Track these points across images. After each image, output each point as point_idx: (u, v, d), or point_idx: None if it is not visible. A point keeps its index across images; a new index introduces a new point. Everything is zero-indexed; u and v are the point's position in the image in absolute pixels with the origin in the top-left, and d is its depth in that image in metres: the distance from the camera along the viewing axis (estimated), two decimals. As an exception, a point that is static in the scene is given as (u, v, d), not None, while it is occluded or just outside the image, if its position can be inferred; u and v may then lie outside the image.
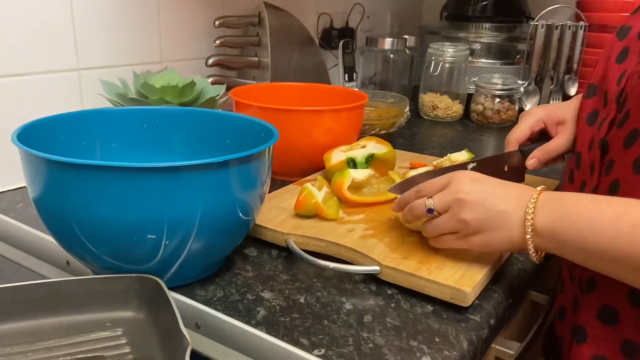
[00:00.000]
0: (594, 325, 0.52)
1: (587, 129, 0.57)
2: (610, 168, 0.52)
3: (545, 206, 0.48)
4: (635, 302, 0.49)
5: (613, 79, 0.54)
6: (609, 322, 0.51)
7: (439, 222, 0.53)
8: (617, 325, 0.50)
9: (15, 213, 0.69)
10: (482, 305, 0.52)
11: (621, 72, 0.53)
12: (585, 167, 0.56)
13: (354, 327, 0.48)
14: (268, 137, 0.57)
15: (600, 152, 0.53)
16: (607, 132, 0.53)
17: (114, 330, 0.48)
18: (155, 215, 0.47)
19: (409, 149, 0.99)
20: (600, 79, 0.56)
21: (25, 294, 0.47)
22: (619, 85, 0.53)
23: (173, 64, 0.95)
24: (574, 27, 1.23)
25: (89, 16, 0.81)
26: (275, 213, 0.65)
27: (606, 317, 0.51)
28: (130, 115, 0.65)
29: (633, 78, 0.50)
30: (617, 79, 0.53)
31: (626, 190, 0.49)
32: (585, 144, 0.57)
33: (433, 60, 1.25)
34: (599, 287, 0.52)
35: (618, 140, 0.50)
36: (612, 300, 0.51)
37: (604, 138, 0.53)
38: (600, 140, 0.53)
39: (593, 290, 0.53)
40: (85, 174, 0.45)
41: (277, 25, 1.05)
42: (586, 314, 0.53)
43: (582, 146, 0.58)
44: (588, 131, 0.57)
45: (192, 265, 0.53)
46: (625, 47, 0.55)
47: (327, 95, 0.93)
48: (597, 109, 0.55)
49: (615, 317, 0.50)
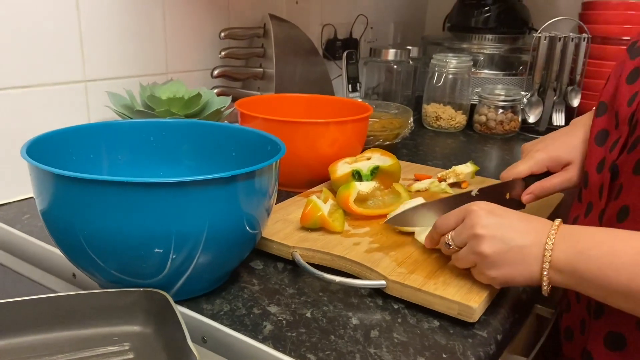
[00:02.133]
0: (601, 351, 0.52)
1: (596, 148, 0.56)
2: (619, 193, 0.51)
3: (563, 241, 0.47)
4: None
5: (624, 100, 0.54)
6: (615, 348, 0.51)
7: (459, 255, 0.53)
8: (624, 352, 0.50)
9: (22, 225, 0.69)
10: (488, 320, 0.52)
11: (632, 93, 0.53)
12: (593, 188, 0.56)
13: (361, 342, 0.48)
14: (274, 150, 0.57)
15: (610, 176, 0.53)
16: (618, 156, 0.52)
17: (121, 344, 0.48)
18: (163, 229, 0.47)
19: (412, 159, 1.00)
20: (610, 97, 0.56)
21: (32, 308, 0.47)
22: (630, 106, 0.52)
23: (179, 75, 0.95)
24: (577, 38, 1.24)
25: (96, 28, 0.81)
26: (281, 226, 0.66)
27: (612, 344, 0.51)
28: (137, 128, 0.65)
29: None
30: (628, 100, 0.53)
31: (636, 217, 0.49)
32: (593, 164, 0.56)
33: (436, 71, 1.25)
34: (607, 314, 0.52)
35: (628, 165, 0.50)
36: (619, 326, 0.50)
37: (615, 162, 0.53)
38: (611, 163, 0.53)
39: (601, 316, 0.52)
40: (93, 188, 0.45)
41: (281, 37, 1.06)
42: (593, 340, 0.53)
43: (590, 166, 0.57)
44: (597, 151, 0.56)
45: (199, 279, 0.53)
46: (637, 67, 0.55)
47: (331, 106, 0.94)
48: (607, 129, 0.55)
49: (622, 343, 0.50)
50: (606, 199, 0.53)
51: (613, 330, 0.51)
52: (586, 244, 0.46)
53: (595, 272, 0.45)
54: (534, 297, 0.61)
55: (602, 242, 0.46)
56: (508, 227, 0.50)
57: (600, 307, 0.53)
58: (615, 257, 0.44)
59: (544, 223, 0.50)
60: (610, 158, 0.54)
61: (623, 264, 0.43)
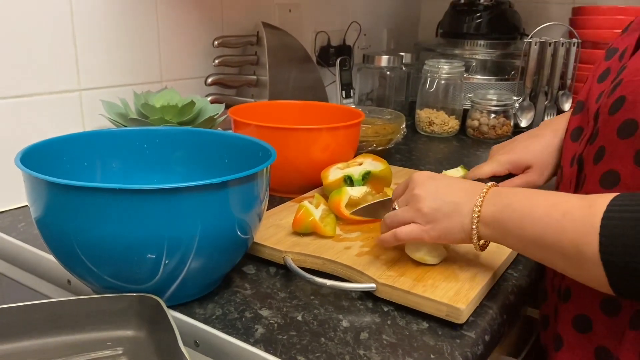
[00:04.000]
0: (569, 333, 0.54)
1: (571, 144, 0.59)
2: (584, 183, 0.54)
3: (492, 198, 0.52)
4: (608, 311, 0.50)
5: (593, 98, 0.56)
6: (583, 330, 0.53)
7: (397, 212, 0.57)
8: (591, 333, 0.52)
9: (17, 232, 0.70)
10: (477, 321, 0.53)
11: (600, 91, 0.55)
12: (566, 182, 0.58)
13: (351, 344, 0.49)
14: (266, 156, 0.58)
15: (577, 168, 0.56)
16: (584, 149, 0.55)
17: (114, 349, 0.48)
18: (155, 235, 0.48)
19: (405, 164, 1.01)
20: (585, 96, 0.59)
21: (27, 314, 0.48)
22: (597, 103, 0.55)
23: (173, 83, 0.96)
24: (567, 43, 1.25)
25: (90, 37, 0.82)
26: (273, 231, 0.66)
27: (580, 326, 0.53)
28: (130, 136, 0.66)
29: (605, 96, 0.52)
30: (596, 98, 0.55)
31: None
32: (567, 159, 0.59)
33: (429, 76, 1.27)
34: (574, 296, 0.54)
35: (589, 156, 0.53)
36: (586, 309, 0.52)
37: (581, 154, 0.55)
38: (578, 156, 0.56)
39: (569, 299, 0.54)
40: (86, 196, 0.46)
41: (275, 44, 1.07)
42: (563, 323, 0.55)
43: (565, 161, 0.60)
44: (571, 147, 0.59)
45: (192, 284, 0.54)
46: (608, 68, 0.57)
47: (324, 112, 0.95)
48: (581, 126, 0.57)
49: (589, 325, 0.52)
50: (574, 190, 0.56)
51: (580, 313, 0.53)
52: (511, 200, 0.51)
53: (516, 223, 0.49)
54: (523, 299, 0.61)
55: (524, 198, 0.50)
56: (444, 187, 0.55)
57: (568, 290, 0.55)
58: (532, 209, 0.48)
59: (477, 185, 0.55)
60: (578, 152, 0.56)
61: (540, 216, 0.47)
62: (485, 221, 0.52)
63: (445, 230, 0.54)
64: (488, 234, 0.52)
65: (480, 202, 0.52)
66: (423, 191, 0.55)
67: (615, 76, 0.54)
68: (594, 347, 0.52)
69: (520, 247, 0.51)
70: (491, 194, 0.52)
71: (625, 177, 0.48)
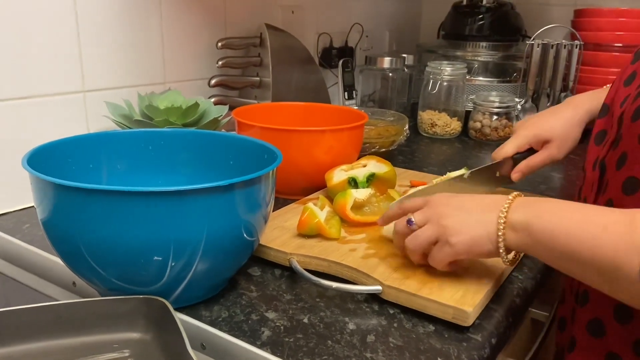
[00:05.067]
0: (583, 336, 0.54)
1: (594, 147, 0.59)
2: (606, 188, 0.54)
3: (520, 206, 0.50)
4: (620, 318, 0.50)
5: (618, 101, 0.56)
6: (596, 335, 0.53)
7: (418, 233, 0.55)
8: (603, 339, 0.52)
9: (22, 234, 0.69)
10: (483, 324, 0.53)
11: (626, 95, 0.55)
12: (588, 185, 0.58)
13: (358, 347, 0.49)
14: (271, 158, 0.58)
15: (599, 173, 0.55)
16: (607, 153, 0.55)
17: (121, 351, 0.48)
18: (162, 238, 0.48)
19: (408, 166, 1.01)
20: (611, 100, 0.58)
21: (33, 316, 0.48)
22: (621, 107, 0.54)
23: (176, 85, 0.96)
24: (570, 45, 1.26)
25: (94, 39, 0.82)
26: (278, 232, 0.66)
27: (594, 330, 0.53)
28: (135, 137, 0.66)
29: (629, 102, 0.52)
30: (621, 102, 0.55)
31: None
32: (590, 162, 0.59)
33: (431, 78, 1.27)
34: (591, 300, 0.54)
35: (612, 161, 0.53)
36: (600, 313, 0.52)
37: (603, 158, 0.55)
38: (600, 161, 0.55)
39: (586, 303, 0.54)
40: (93, 198, 0.46)
41: (278, 46, 1.07)
42: (578, 326, 0.55)
43: (588, 164, 0.60)
44: (594, 150, 0.59)
45: (198, 286, 0.54)
46: (634, 71, 0.57)
47: (327, 114, 0.95)
48: (606, 129, 0.57)
49: (602, 330, 0.52)
50: (595, 194, 0.55)
51: (595, 317, 0.53)
52: (542, 208, 0.49)
53: (547, 234, 0.47)
54: (528, 301, 0.61)
55: (557, 208, 0.48)
56: (467, 201, 0.54)
57: (585, 295, 0.54)
58: (566, 221, 0.46)
59: (500, 197, 0.53)
60: (601, 156, 0.56)
61: (574, 229, 0.45)
62: (513, 227, 0.49)
63: (472, 241, 0.52)
64: (516, 242, 0.50)
65: (507, 209, 0.50)
66: (446, 208, 0.53)
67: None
68: (605, 352, 0.52)
69: (550, 260, 0.49)
70: (518, 202, 0.51)
71: None
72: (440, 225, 0.53)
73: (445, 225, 0.52)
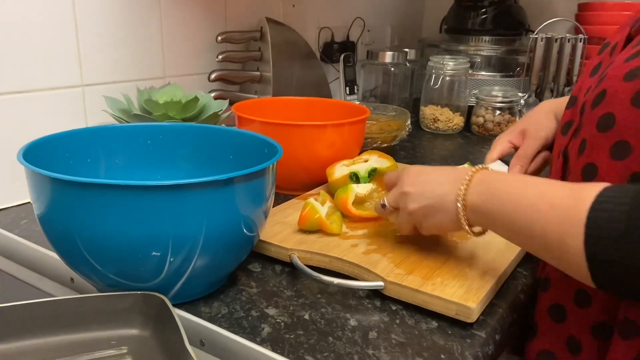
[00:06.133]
0: (545, 321, 0.54)
1: (561, 137, 0.59)
2: (567, 176, 0.55)
3: (478, 185, 0.51)
4: (580, 302, 0.51)
5: (583, 92, 0.56)
6: (557, 320, 0.53)
7: (398, 218, 0.59)
8: (563, 323, 0.53)
9: (20, 229, 0.69)
10: (486, 320, 0.52)
11: (589, 85, 0.55)
12: (554, 174, 0.58)
13: (359, 344, 0.48)
14: (271, 152, 0.57)
15: (563, 161, 0.56)
16: (569, 142, 0.55)
17: (119, 348, 0.48)
18: (160, 232, 0.47)
19: (410, 161, 1.00)
20: (578, 90, 0.59)
21: (31, 312, 0.47)
22: (585, 97, 0.55)
23: (176, 79, 0.95)
24: (573, 39, 1.24)
25: (93, 33, 0.81)
26: (278, 228, 0.66)
27: (555, 315, 0.54)
28: (134, 131, 0.65)
29: (591, 90, 0.52)
30: (585, 92, 0.55)
31: None
32: (556, 152, 0.59)
33: (434, 73, 1.26)
34: (553, 285, 0.54)
35: (574, 149, 0.53)
36: (561, 298, 0.53)
37: (566, 147, 0.56)
38: (564, 149, 0.56)
39: (548, 288, 0.55)
40: (90, 192, 0.45)
41: (278, 40, 1.06)
42: (540, 311, 0.55)
43: (554, 154, 0.60)
44: (561, 140, 0.59)
45: (197, 282, 0.53)
46: (600, 62, 0.57)
47: (328, 109, 0.94)
48: (572, 119, 0.57)
49: (562, 314, 0.53)
50: None
51: (556, 302, 0.54)
52: (497, 187, 0.50)
53: (504, 212, 0.49)
54: (533, 297, 0.61)
55: (511, 186, 0.49)
56: (430, 182, 0.56)
57: (547, 279, 0.55)
58: (519, 199, 0.48)
59: (462, 171, 0.54)
60: (565, 144, 0.56)
61: (525, 205, 0.47)
62: (472, 209, 0.52)
63: (438, 224, 0.55)
64: (477, 222, 0.52)
65: (464, 191, 0.52)
66: (412, 188, 0.56)
67: (603, 70, 0.54)
68: (565, 336, 0.52)
69: (508, 236, 0.50)
70: (476, 181, 0.52)
71: (602, 170, 0.48)
72: (407, 212, 0.56)
73: (411, 211, 0.56)
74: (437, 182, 0.55)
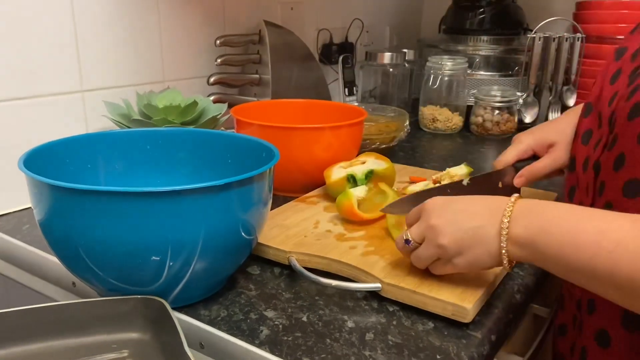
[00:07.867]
0: (592, 347, 0.53)
1: (582, 148, 0.58)
2: (602, 190, 0.52)
3: (522, 216, 0.47)
4: (627, 326, 0.49)
5: (606, 100, 0.55)
6: (603, 345, 0.52)
7: (418, 252, 0.53)
8: (609, 349, 0.51)
9: (22, 234, 0.70)
10: (482, 321, 0.53)
11: (613, 93, 0.54)
12: (582, 186, 0.57)
13: (356, 345, 0.49)
14: (269, 156, 0.58)
15: (594, 174, 0.54)
16: (601, 154, 0.53)
17: (120, 352, 0.48)
18: (159, 237, 0.47)
19: (409, 162, 1.00)
20: (596, 98, 0.57)
21: (32, 317, 0.48)
22: (610, 106, 0.53)
23: (175, 83, 0.96)
24: (571, 38, 1.24)
25: (92, 38, 0.82)
26: (277, 231, 0.66)
27: (601, 340, 0.52)
28: (133, 137, 0.66)
29: (621, 101, 0.51)
30: (609, 100, 0.54)
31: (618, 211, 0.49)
32: (580, 163, 0.58)
33: (432, 73, 1.26)
34: (599, 310, 0.52)
35: (608, 162, 0.51)
36: (607, 323, 0.51)
37: (597, 160, 0.54)
38: (594, 162, 0.54)
39: (593, 312, 0.53)
40: (89, 199, 0.46)
41: (277, 43, 1.06)
42: (586, 335, 0.54)
43: (579, 165, 0.58)
44: (583, 150, 0.57)
45: (196, 286, 0.54)
46: (619, 69, 0.56)
47: (327, 111, 0.94)
48: (592, 129, 0.56)
49: (608, 340, 0.51)
50: (592, 196, 0.54)
51: (603, 328, 0.52)
52: (547, 220, 0.45)
53: (556, 250, 0.44)
54: (529, 298, 0.61)
55: (563, 219, 0.45)
56: (461, 212, 0.50)
57: (591, 302, 0.53)
58: (575, 235, 0.43)
59: (499, 201, 0.49)
60: (594, 157, 0.55)
61: (584, 243, 0.42)
62: (517, 243, 0.47)
63: (473, 260, 0.50)
64: (521, 256, 0.47)
65: (507, 223, 0.47)
66: (440, 221, 0.50)
67: (629, 79, 0.52)
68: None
69: (562, 273, 0.45)
70: (519, 211, 0.47)
71: None
72: (437, 245, 0.51)
73: (442, 245, 0.50)
74: (471, 212, 0.50)
